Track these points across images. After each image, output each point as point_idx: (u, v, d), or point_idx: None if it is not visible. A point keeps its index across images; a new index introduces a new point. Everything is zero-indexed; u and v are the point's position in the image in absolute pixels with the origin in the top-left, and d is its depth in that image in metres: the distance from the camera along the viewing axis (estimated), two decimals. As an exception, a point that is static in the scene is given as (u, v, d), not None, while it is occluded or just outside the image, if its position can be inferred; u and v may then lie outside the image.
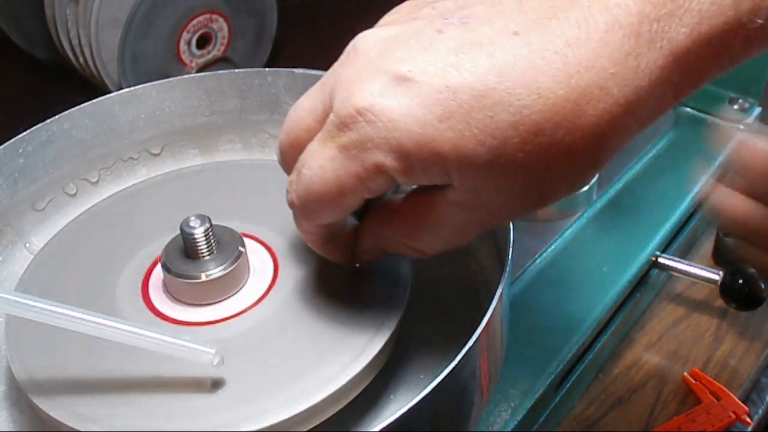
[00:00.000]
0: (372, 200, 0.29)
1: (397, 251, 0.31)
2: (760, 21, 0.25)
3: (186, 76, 0.44)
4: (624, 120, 0.26)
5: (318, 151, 0.28)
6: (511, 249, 0.32)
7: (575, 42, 0.25)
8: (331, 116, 0.27)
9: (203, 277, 0.33)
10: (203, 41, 0.74)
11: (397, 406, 0.30)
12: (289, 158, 0.30)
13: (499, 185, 0.27)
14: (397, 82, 0.26)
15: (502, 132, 0.25)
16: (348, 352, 0.31)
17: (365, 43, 0.28)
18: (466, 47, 0.26)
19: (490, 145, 0.26)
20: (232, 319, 0.33)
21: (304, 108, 0.30)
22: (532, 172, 0.26)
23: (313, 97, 0.29)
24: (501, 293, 0.30)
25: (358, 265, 0.33)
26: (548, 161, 0.26)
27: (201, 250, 0.33)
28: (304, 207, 0.29)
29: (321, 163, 0.28)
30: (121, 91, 0.43)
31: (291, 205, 0.30)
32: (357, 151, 0.27)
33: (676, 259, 0.53)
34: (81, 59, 0.71)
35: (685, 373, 0.51)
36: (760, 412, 0.50)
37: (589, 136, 0.26)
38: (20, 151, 0.40)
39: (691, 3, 0.25)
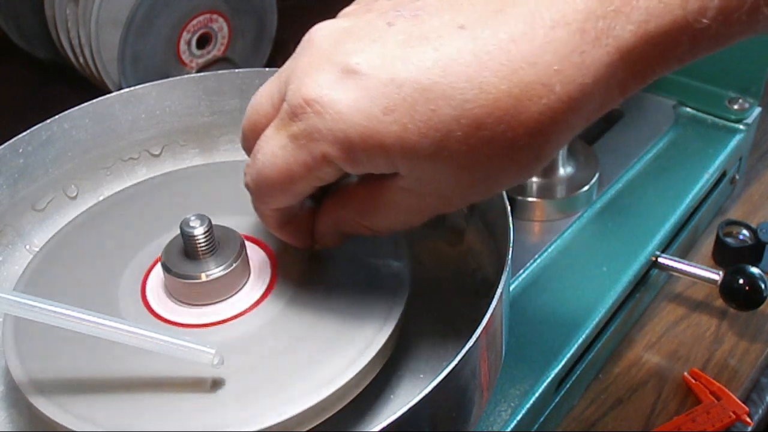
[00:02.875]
0: (329, 184, 0.30)
1: (353, 232, 0.32)
2: (706, 21, 0.25)
3: (186, 76, 0.44)
4: (567, 116, 0.26)
5: (271, 137, 0.29)
6: (511, 249, 0.32)
7: (521, 37, 0.25)
8: (284, 105, 0.28)
9: (203, 277, 0.33)
10: (203, 41, 0.74)
11: (397, 406, 0.30)
12: (248, 142, 0.31)
13: (444, 175, 0.27)
14: (346, 75, 0.27)
15: (444, 125, 0.26)
16: (348, 353, 0.31)
17: (320, 34, 0.29)
18: (414, 40, 0.26)
19: (433, 138, 0.26)
20: (232, 320, 0.33)
21: (263, 95, 0.31)
22: (476, 164, 0.27)
23: (271, 84, 0.30)
24: (501, 293, 0.30)
25: (317, 247, 0.34)
26: (491, 154, 0.26)
27: (201, 250, 0.33)
28: (257, 191, 0.30)
29: (273, 149, 0.29)
30: (121, 91, 0.43)
31: (246, 187, 0.31)
32: (305, 140, 0.28)
33: (676, 259, 0.53)
34: (81, 59, 0.71)
35: (685, 373, 0.51)
36: (760, 412, 0.50)
37: (531, 132, 0.26)
38: (20, 151, 0.40)
39: (638, 1, 0.25)
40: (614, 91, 0.27)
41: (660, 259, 0.53)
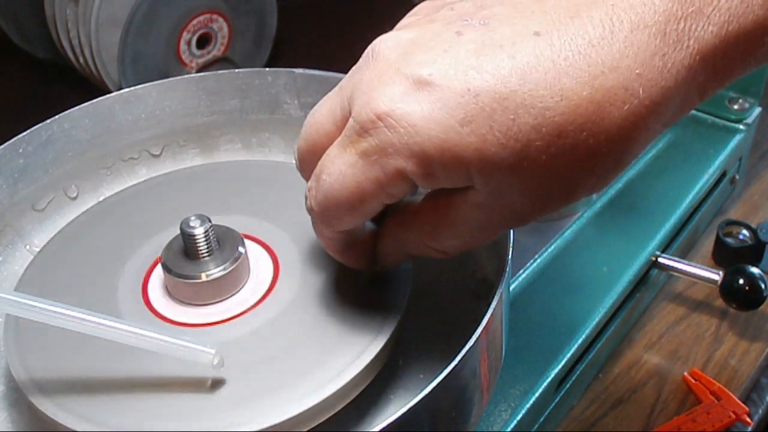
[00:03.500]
0: (390, 204, 0.29)
1: (418, 253, 0.31)
2: None
3: (186, 76, 0.44)
4: (648, 121, 0.25)
5: (338, 156, 0.28)
6: (511, 249, 0.32)
7: (599, 42, 0.25)
8: (351, 121, 0.27)
9: (203, 277, 0.32)
10: (203, 41, 0.74)
11: (397, 406, 0.30)
12: (307, 164, 0.30)
13: (522, 187, 0.26)
14: (418, 86, 0.26)
15: (524, 135, 0.25)
16: (348, 353, 0.31)
17: (384, 46, 0.28)
18: (487, 49, 0.25)
19: (513, 148, 0.25)
20: (232, 320, 0.33)
21: (322, 113, 0.29)
22: (556, 174, 0.26)
23: (331, 101, 0.29)
24: (501, 293, 0.30)
25: (377, 269, 0.33)
26: (571, 163, 0.26)
27: (201, 250, 0.33)
28: (323, 213, 0.29)
29: (341, 168, 0.27)
30: (121, 91, 0.43)
31: (310, 211, 0.30)
32: (378, 156, 0.26)
33: (676, 259, 0.53)
34: (81, 59, 0.71)
35: (685, 373, 0.51)
36: (760, 412, 0.50)
37: (614, 138, 0.25)
38: (20, 151, 0.40)
39: (719, 1, 0.25)
40: (694, 93, 0.26)
41: (660, 259, 0.53)
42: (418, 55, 0.26)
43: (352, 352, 0.31)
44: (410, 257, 0.31)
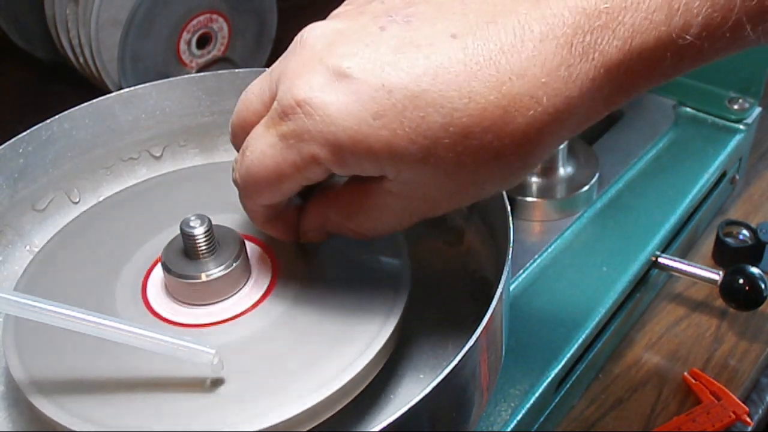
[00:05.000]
0: (315, 183, 0.30)
1: (338, 232, 0.32)
2: (690, 38, 0.26)
3: (186, 76, 0.44)
4: (553, 128, 0.27)
5: (261, 135, 0.29)
6: (511, 249, 0.32)
7: (510, 49, 0.26)
8: (275, 104, 0.28)
9: (203, 277, 0.33)
10: (203, 41, 0.74)
11: (397, 406, 0.30)
12: (237, 138, 0.32)
13: (430, 180, 0.28)
14: (337, 78, 0.27)
15: (433, 132, 0.26)
16: (348, 352, 0.31)
17: (312, 35, 0.29)
18: (405, 47, 0.27)
19: (421, 144, 0.26)
20: (232, 320, 0.33)
21: (254, 92, 0.31)
22: (463, 171, 0.27)
23: (261, 81, 0.31)
24: (501, 293, 0.30)
25: (301, 242, 0.34)
26: (477, 162, 0.27)
27: (201, 250, 0.33)
28: (245, 187, 0.31)
29: (262, 148, 0.29)
30: (121, 91, 0.43)
31: (234, 183, 0.31)
32: (295, 141, 0.28)
33: (676, 259, 0.53)
34: (81, 59, 0.71)
35: (685, 373, 0.51)
36: (760, 412, 0.50)
37: (518, 142, 0.26)
38: (20, 151, 0.40)
39: (624, 17, 0.26)
40: (599, 104, 0.27)
41: (660, 259, 0.53)
42: (341, 47, 0.28)
43: (352, 352, 0.31)
44: (331, 235, 0.33)
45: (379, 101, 0.26)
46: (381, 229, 0.31)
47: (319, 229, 0.33)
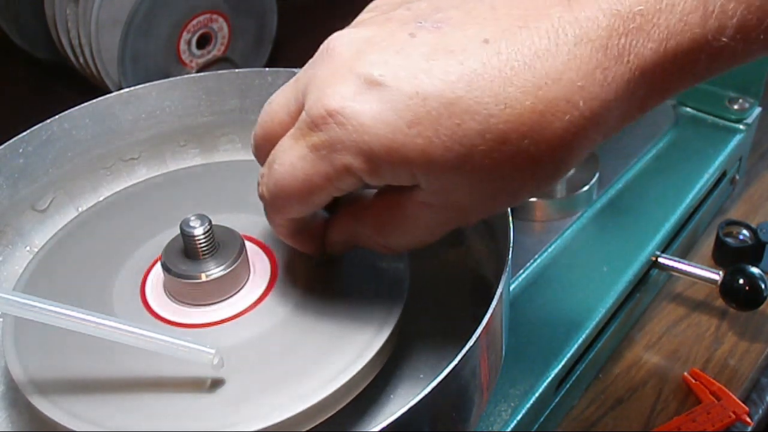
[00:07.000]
0: (343, 196, 0.30)
1: (366, 246, 0.32)
2: (725, 39, 0.26)
3: (186, 76, 0.44)
4: (589, 132, 0.26)
5: (289, 147, 0.28)
6: (511, 249, 0.32)
7: (544, 53, 0.25)
8: (303, 114, 0.28)
9: (203, 278, 0.32)
10: (203, 41, 0.74)
11: (397, 406, 0.30)
12: (262, 151, 0.31)
13: (465, 188, 0.27)
14: (369, 86, 0.26)
15: (469, 139, 0.26)
16: (348, 352, 0.31)
17: (340, 43, 0.28)
18: (438, 53, 0.26)
19: (458, 152, 0.26)
20: (232, 320, 0.33)
21: (278, 102, 0.30)
22: (498, 178, 0.27)
23: (287, 92, 0.30)
24: (501, 293, 0.30)
25: (326, 256, 0.34)
26: (514, 168, 0.26)
27: (201, 250, 0.33)
28: (273, 201, 0.30)
29: (292, 160, 0.28)
30: (121, 91, 0.43)
31: (261, 197, 0.31)
32: (327, 151, 0.27)
33: (676, 259, 0.53)
34: (81, 59, 0.71)
35: (685, 373, 0.51)
36: (760, 412, 0.50)
37: (554, 146, 0.26)
38: (20, 151, 0.40)
39: (659, 19, 0.25)
40: (634, 106, 0.27)
41: (660, 259, 0.53)
42: (371, 54, 0.27)
43: (351, 352, 0.31)
44: (357, 247, 0.32)
45: (414, 109, 0.26)
46: (411, 242, 0.30)
47: (345, 242, 0.32)
